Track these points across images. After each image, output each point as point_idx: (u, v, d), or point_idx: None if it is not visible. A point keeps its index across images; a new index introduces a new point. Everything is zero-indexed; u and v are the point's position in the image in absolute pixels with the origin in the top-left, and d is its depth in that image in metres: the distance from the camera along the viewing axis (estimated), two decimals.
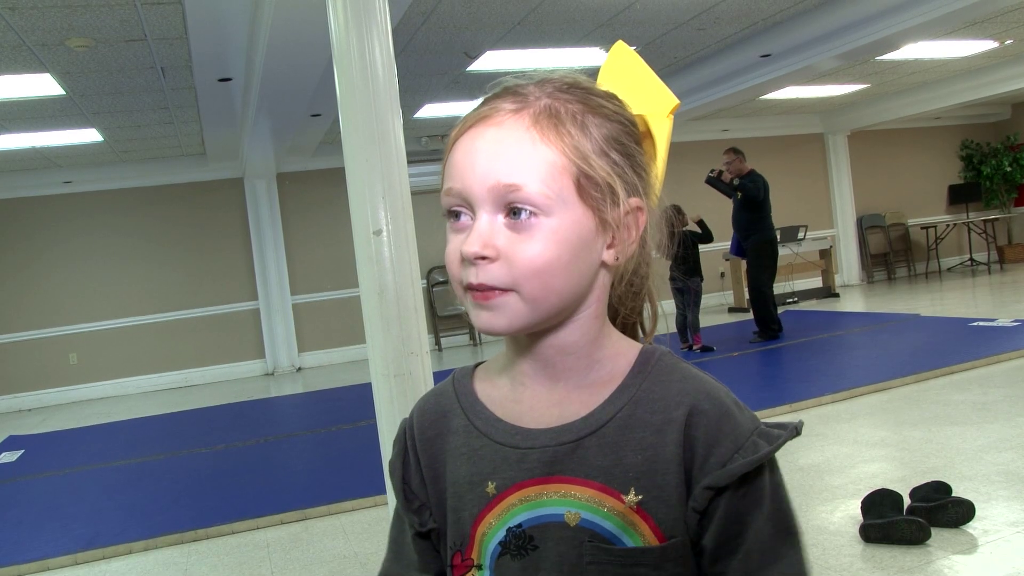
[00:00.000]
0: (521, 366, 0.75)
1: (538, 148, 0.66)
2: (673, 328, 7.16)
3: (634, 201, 0.70)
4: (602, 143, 0.69)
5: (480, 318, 0.69)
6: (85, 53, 4.91)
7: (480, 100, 0.72)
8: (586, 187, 0.67)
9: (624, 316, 0.79)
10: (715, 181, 7.16)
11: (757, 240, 7.12)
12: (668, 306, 8.67)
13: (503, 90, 0.71)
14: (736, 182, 7.03)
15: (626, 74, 0.77)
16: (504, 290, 0.67)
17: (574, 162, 0.67)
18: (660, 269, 0.79)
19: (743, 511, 0.68)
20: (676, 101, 0.76)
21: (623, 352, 0.74)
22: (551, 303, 0.68)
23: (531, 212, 0.66)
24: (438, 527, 0.78)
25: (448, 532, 0.77)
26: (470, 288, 0.68)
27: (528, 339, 0.72)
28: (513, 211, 0.66)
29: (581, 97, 0.70)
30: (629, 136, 0.71)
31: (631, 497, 0.68)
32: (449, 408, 0.79)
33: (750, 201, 6.99)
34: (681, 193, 7.66)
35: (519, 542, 0.71)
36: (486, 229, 0.66)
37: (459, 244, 0.68)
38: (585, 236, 0.68)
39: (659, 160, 0.75)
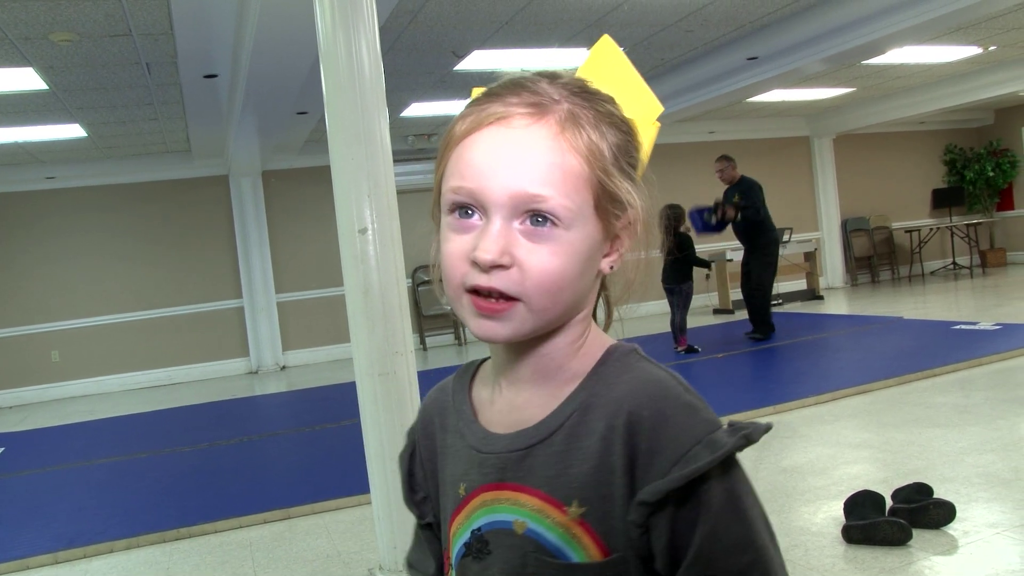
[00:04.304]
0: (502, 367, 0.74)
1: (566, 159, 0.65)
2: (659, 329, 7.16)
3: (634, 213, 0.69)
4: (616, 154, 0.67)
5: (482, 326, 0.67)
6: (69, 47, 4.87)
7: (484, 91, 0.68)
8: (602, 200, 0.66)
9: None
10: (716, 227, 6.99)
11: (766, 241, 7.17)
12: (651, 307, 8.80)
13: (512, 83, 0.68)
14: (739, 217, 6.93)
15: (611, 74, 0.73)
16: (511, 301, 0.65)
17: (596, 175, 0.66)
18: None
19: (687, 526, 0.64)
20: (661, 108, 0.74)
21: (593, 351, 0.72)
22: (556, 312, 0.67)
23: (551, 223, 0.64)
24: (437, 520, 0.80)
25: (443, 528, 0.78)
26: (476, 290, 0.65)
27: (516, 343, 0.70)
28: (536, 219, 0.64)
29: (593, 103, 0.68)
30: (632, 146, 0.70)
31: (574, 509, 0.66)
32: (445, 405, 0.79)
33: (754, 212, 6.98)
34: (666, 197, 7.66)
35: (479, 545, 0.71)
36: (503, 236, 0.64)
37: (464, 245, 0.65)
38: (594, 248, 0.67)
39: (641, 166, 0.72)
